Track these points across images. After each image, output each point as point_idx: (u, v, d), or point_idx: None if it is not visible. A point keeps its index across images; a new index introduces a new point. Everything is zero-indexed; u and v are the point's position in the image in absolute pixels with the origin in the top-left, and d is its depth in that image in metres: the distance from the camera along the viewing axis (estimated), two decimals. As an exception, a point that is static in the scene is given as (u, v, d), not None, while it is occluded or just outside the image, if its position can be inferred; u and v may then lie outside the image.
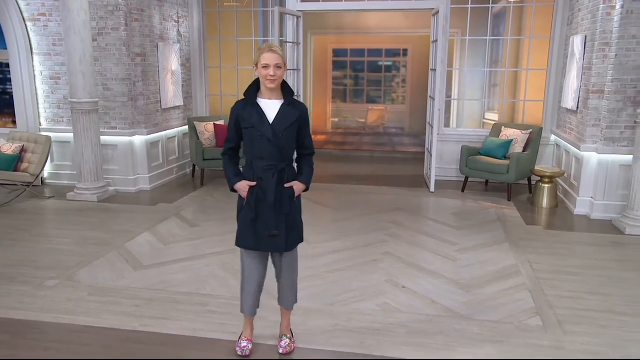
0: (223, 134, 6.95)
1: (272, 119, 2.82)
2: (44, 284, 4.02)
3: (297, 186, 2.93)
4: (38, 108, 7.01)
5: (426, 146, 7.69)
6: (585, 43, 5.97)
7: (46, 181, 7.18)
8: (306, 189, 2.99)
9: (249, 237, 2.90)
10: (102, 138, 6.54)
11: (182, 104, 7.79)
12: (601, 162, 5.74)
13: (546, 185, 6.27)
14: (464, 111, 9.06)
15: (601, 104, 5.71)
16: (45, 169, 6.91)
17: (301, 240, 3.03)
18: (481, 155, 6.90)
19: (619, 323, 3.48)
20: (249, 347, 3.07)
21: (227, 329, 3.33)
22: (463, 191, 6.95)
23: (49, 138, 6.59)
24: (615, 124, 5.63)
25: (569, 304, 3.74)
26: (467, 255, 4.71)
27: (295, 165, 3.03)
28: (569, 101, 6.45)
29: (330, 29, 11.96)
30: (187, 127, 7.74)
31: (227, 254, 4.58)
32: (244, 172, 2.94)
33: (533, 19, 7.36)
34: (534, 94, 7.59)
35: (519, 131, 6.86)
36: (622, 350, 3.17)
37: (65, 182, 7.05)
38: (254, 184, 2.87)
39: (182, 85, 7.80)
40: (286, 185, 2.88)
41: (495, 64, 9.44)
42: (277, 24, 6.91)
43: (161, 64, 7.13)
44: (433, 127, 7.21)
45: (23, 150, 6.50)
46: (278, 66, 2.77)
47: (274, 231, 2.86)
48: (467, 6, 7.29)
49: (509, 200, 6.50)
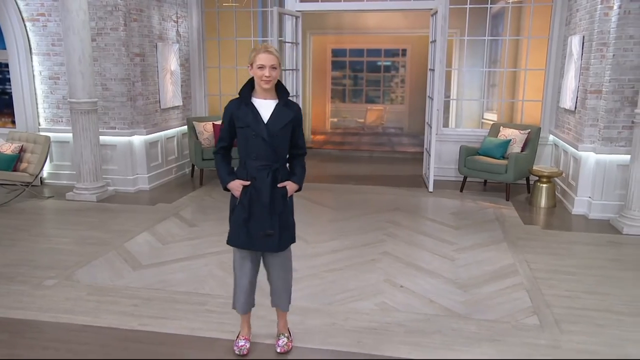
0: (222, 134, 6.94)
1: (267, 119, 2.82)
2: (42, 283, 4.03)
3: (290, 186, 2.92)
4: (37, 108, 7.02)
5: (425, 146, 7.71)
6: (583, 43, 5.98)
7: (45, 181, 7.19)
8: (299, 189, 2.99)
9: (242, 236, 2.90)
10: (101, 138, 6.55)
11: (181, 104, 7.80)
12: (599, 162, 5.75)
13: (544, 185, 6.28)
14: (462, 111, 9.08)
15: (599, 104, 5.73)
16: (44, 168, 6.92)
17: (293, 241, 3.02)
18: (479, 155, 6.91)
19: (616, 322, 3.49)
20: (246, 346, 3.08)
21: (225, 328, 3.35)
22: (461, 191, 6.96)
23: (48, 138, 6.60)
24: (612, 124, 5.64)
25: (566, 303, 3.75)
26: (465, 254, 4.72)
27: (287, 165, 3.02)
28: (567, 101, 6.46)
29: (329, 29, 11.96)
30: (186, 127, 7.75)
31: (225, 254, 4.58)
32: (237, 171, 2.94)
33: (531, 19, 7.37)
34: (532, 94, 7.61)
35: (517, 131, 6.87)
36: (619, 350, 3.18)
37: (65, 182, 7.06)
38: (247, 183, 2.86)
39: (181, 85, 7.81)
40: (279, 185, 2.88)
41: (494, 64, 9.45)
42: (276, 24, 6.93)
43: (160, 64, 7.13)
44: (431, 127, 7.22)
45: (22, 150, 6.51)
46: (273, 67, 2.77)
47: (269, 230, 2.85)
48: (466, 6, 7.30)
49: (507, 200, 6.52)
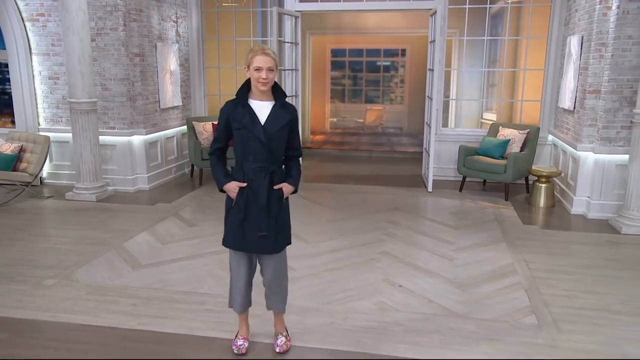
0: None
1: (264, 121, 2.81)
2: (42, 282, 4.04)
3: (286, 188, 2.92)
4: (37, 108, 7.03)
5: (424, 146, 7.72)
6: (581, 43, 5.99)
7: (45, 181, 7.20)
8: (294, 191, 2.99)
9: (237, 238, 2.89)
10: (101, 138, 6.56)
11: (180, 104, 7.81)
12: (597, 161, 5.76)
13: (543, 185, 6.29)
14: (462, 111, 9.06)
15: (597, 103, 5.74)
16: (44, 168, 6.93)
17: (289, 242, 3.02)
18: (479, 155, 6.92)
19: (613, 322, 3.50)
20: (245, 346, 3.09)
21: (224, 327, 3.35)
22: (460, 191, 6.97)
23: (47, 138, 6.61)
24: (611, 123, 5.65)
25: (564, 303, 3.76)
26: (463, 254, 4.73)
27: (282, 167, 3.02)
28: (566, 101, 6.47)
29: (329, 29, 11.97)
30: (185, 127, 7.76)
31: (224, 253, 4.50)
32: (233, 173, 2.92)
33: (530, 19, 7.38)
34: (531, 94, 7.62)
35: (516, 131, 6.88)
36: (617, 349, 3.19)
37: (64, 181, 7.07)
38: (244, 185, 2.85)
39: (181, 85, 7.82)
40: (275, 187, 2.88)
41: (493, 64, 9.45)
42: (275, 24, 6.94)
43: (160, 64, 7.14)
44: (431, 127, 7.23)
45: (22, 150, 6.52)
46: (270, 69, 2.75)
47: (263, 232, 2.84)
48: (465, 6, 7.31)
49: (506, 200, 6.53)
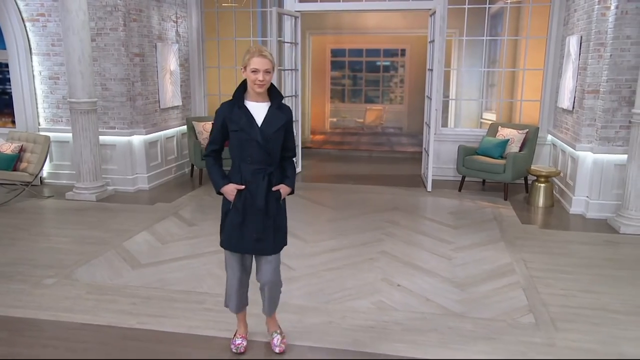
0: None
1: (261, 123, 2.80)
2: (42, 282, 4.06)
3: (283, 189, 2.93)
4: (37, 108, 7.05)
5: (423, 146, 7.73)
6: (580, 43, 6.01)
7: (45, 180, 7.22)
8: (291, 192, 3.00)
9: (235, 240, 2.90)
10: (101, 138, 6.57)
11: (180, 104, 7.83)
12: (596, 161, 5.77)
13: (542, 185, 6.30)
14: (461, 111, 9.09)
15: (596, 103, 5.75)
16: (44, 168, 6.95)
17: (285, 243, 3.03)
18: (478, 154, 6.93)
19: (611, 321, 3.52)
20: (243, 344, 3.11)
21: (223, 326, 3.37)
22: (460, 190, 6.98)
23: (47, 138, 6.62)
24: (610, 123, 5.66)
25: (562, 302, 3.77)
26: (462, 253, 4.74)
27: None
28: (565, 101, 6.48)
29: (329, 29, 11.98)
30: (185, 126, 7.77)
31: (223, 253, 4.59)
32: (230, 174, 2.91)
33: (530, 19, 7.39)
34: (531, 94, 7.63)
35: (515, 131, 6.89)
36: (614, 348, 3.20)
37: (64, 181, 7.08)
38: (242, 187, 2.84)
39: (181, 85, 7.83)
40: (274, 189, 2.88)
41: (493, 64, 9.47)
42: (275, 24, 6.96)
43: (160, 64, 7.16)
44: (430, 127, 7.24)
45: (22, 149, 6.54)
46: (267, 71, 2.74)
47: (260, 234, 2.85)
48: (464, 6, 7.32)
49: (505, 200, 6.54)
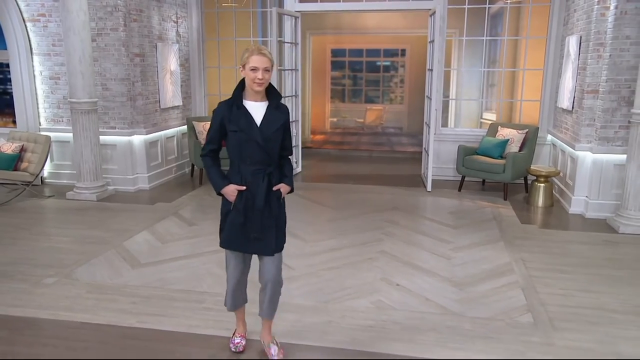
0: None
1: (260, 122, 2.79)
2: (42, 281, 4.08)
3: (283, 188, 2.93)
4: (38, 108, 7.06)
5: (423, 146, 7.74)
6: (580, 43, 6.01)
7: (46, 180, 7.23)
8: (291, 190, 3.00)
9: (236, 240, 2.90)
10: (101, 138, 6.59)
11: (180, 103, 7.84)
12: (596, 161, 5.78)
13: (542, 185, 6.30)
14: (461, 111, 9.09)
15: (596, 103, 5.76)
16: (44, 168, 6.96)
17: (285, 241, 3.02)
18: (478, 154, 6.94)
19: (609, 320, 3.52)
20: (242, 343, 3.13)
21: (222, 325, 3.38)
22: (460, 190, 6.99)
23: (48, 137, 6.64)
24: (609, 123, 5.67)
25: (560, 302, 3.78)
26: (461, 253, 4.75)
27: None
28: (565, 101, 6.49)
29: (329, 29, 11.99)
30: (185, 126, 7.79)
31: (223, 252, 4.58)
32: (229, 175, 2.89)
33: (530, 19, 7.40)
34: (530, 94, 7.63)
35: (515, 131, 6.90)
36: (612, 347, 3.21)
37: (65, 181, 7.10)
38: (243, 188, 2.83)
39: (181, 85, 7.85)
40: (274, 188, 2.88)
41: (493, 64, 9.47)
42: (275, 25, 6.97)
43: (160, 64, 7.17)
44: (430, 127, 7.25)
45: (23, 149, 6.55)
46: (266, 70, 2.72)
47: (260, 234, 2.85)
48: (464, 7, 7.33)
49: (505, 200, 6.55)
